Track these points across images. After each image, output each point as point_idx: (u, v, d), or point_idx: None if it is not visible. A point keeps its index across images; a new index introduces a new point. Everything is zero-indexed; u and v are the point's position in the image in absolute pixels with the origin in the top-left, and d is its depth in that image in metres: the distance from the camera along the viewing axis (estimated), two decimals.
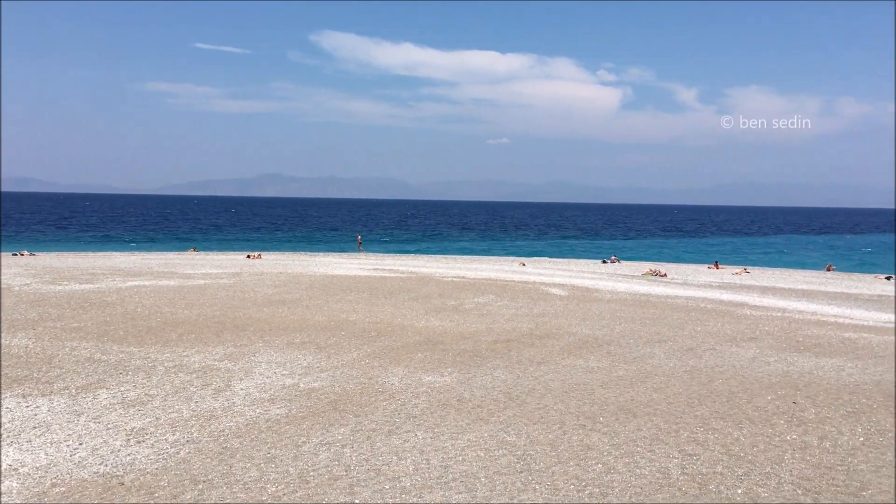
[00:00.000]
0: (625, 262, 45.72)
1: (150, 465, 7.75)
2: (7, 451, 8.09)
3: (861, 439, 8.89)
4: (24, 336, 14.58)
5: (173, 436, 8.69)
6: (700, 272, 38.92)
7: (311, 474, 7.50)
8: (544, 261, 46.86)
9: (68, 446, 8.27)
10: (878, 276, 39.59)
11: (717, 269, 41.60)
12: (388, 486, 7.20)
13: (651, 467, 7.79)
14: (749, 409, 10.12)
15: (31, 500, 6.86)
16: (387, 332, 15.74)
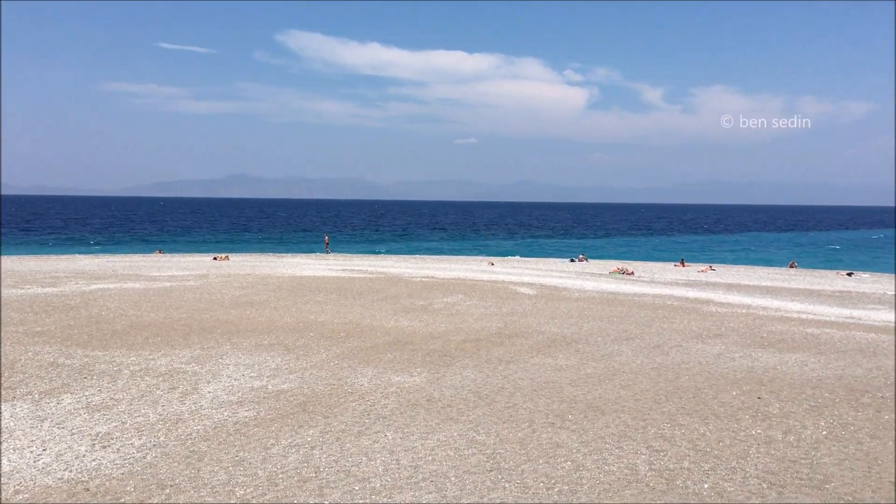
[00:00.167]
0: (592, 261, 46.08)
1: (116, 470, 7.65)
2: None
3: (824, 433, 9.05)
4: None
5: (139, 440, 8.58)
6: (667, 270, 39.35)
7: (280, 476, 7.46)
8: (513, 260, 47.05)
9: (31, 452, 8.12)
10: (840, 272, 40.39)
11: (684, 266, 42.09)
12: (357, 488, 7.18)
13: (619, 464, 7.86)
14: (715, 405, 10.25)
15: None
16: (356, 333, 15.69)
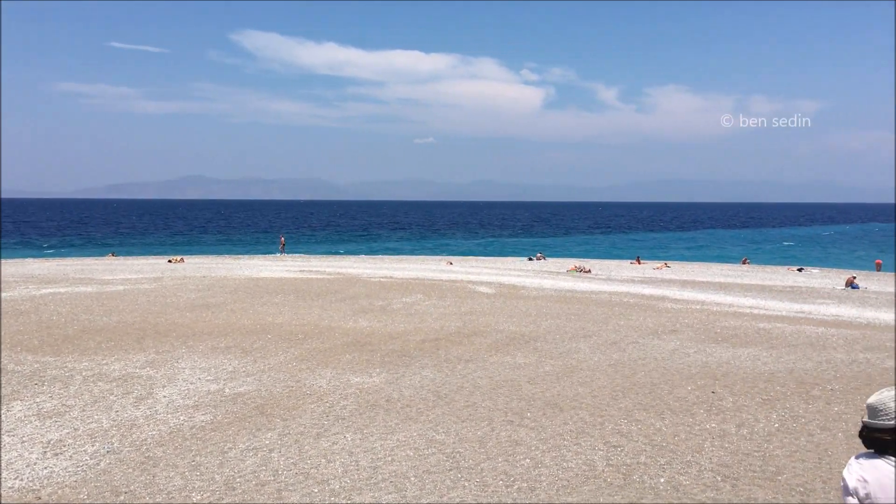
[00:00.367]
0: (550, 259, 46.47)
1: (69, 477, 7.49)
2: None
3: (776, 425, 9.24)
4: None
5: (92, 447, 8.41)
6: (623, 267, 39.85)
7: (238, 480, 7.38)
8: (471, 259, 47.22)
9: None
10: (791, 268, 41.32)
11: (640, 264, 42.67)
12: (316, 490, 7.14)
13: (577, 460, 7.94)
14: (670, 400, 10.40)
15: None
16: (314, 334, 15.59)
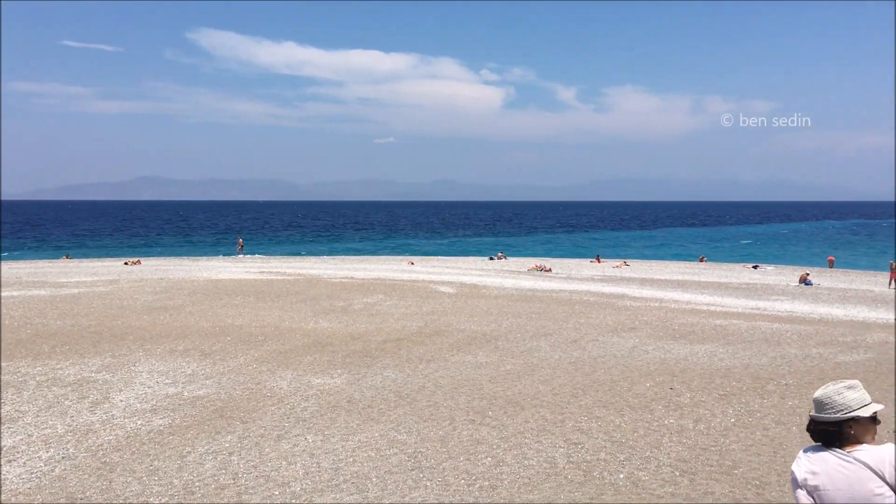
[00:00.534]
0: (511, 259, 46.69)
1: (23, 484, 7.33)
2: None
3: (732, 420, 9.41)
4: None
5: (47, 453, 8.24)
6: (583, 266, 40.20)
7: (197, 485, 7.29)
8: (433, 259, 47.23)
9: None
10: (746, 265, 42.08)
11: (599, 262, 43.08)
12: (277, 492, 7.08)
13: (538, 458, 7.99)
14: (630, 397, 10.53)
15: None
16: (274, 336, 15.46)
